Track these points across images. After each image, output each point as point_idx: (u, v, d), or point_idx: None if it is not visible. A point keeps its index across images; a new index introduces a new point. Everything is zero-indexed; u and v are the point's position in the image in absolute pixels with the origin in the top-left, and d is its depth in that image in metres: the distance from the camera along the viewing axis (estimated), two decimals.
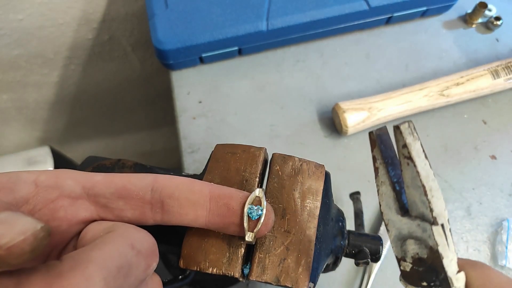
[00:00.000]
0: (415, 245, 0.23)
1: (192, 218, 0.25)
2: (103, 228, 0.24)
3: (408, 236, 0.23)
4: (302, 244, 0.28)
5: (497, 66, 0.59)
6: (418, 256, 0.23)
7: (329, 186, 0.32)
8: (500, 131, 0.59)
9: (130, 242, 0.22)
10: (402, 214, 0.23)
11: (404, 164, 0.22)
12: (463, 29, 0.67)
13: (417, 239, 0.23)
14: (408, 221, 0.23)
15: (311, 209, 0.29)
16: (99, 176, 0.25)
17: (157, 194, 0.25)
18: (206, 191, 0.25)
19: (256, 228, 0.26)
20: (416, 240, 0.23)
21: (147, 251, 0.23)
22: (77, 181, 0.25)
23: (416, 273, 0.23)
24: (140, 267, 0.22)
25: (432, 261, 0.22)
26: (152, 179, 0.25)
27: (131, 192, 0.25)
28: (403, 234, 0.23)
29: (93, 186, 0.25)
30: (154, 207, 0.25)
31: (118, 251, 0.21)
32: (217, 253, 0.27)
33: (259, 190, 0.27)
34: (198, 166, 0.54)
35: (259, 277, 0.27)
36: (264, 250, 0.27)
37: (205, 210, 0.25)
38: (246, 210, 0.26)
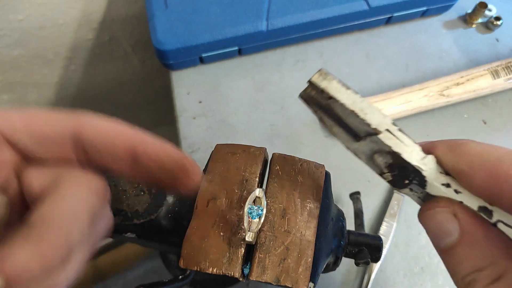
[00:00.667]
0: (380, 157, 0.25)
1: (116, 170, 0.24)
2: (50, 176, 0.22)
3: (372, 153, 0.25)
4: (302, 244, 0.28)
5: (497, 66, 0.59)
6: (388, 163, 0.25)
7: (329, 186, 0.32)
8: (500, 131, 0.59)
9: (89, 188, 0.21)
10: (357, 140, 0.25)
11: (333, 104, 0.25)
12: (463, 29, 0.67)
13: (378, 151, 0.25)
14: (364, 142, 0.25)
15: (311, 209, 0.29)
16: (17, 119, 0.23)
17: (79, 142, 0.23)
18: (128, 144, 0.23)
19: (257, 228, 0.26)
20: (378, 153, 0.25)
21: (103, 191, 0.22)
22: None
23: (396, 177, 0.25)
24: (103, 209, 0.22)
25: (397, 161, 0.24)
26: (73, 125, 0.23)
27: (52, 140, 0.23)
28: (368, 154, 0.26)
29: (12, 134, 0.23)
30: (78, 153, 0.23)
31: (84, 201, 0.20)
32: (217, 253, 0.27)
33: (259, 190, 0.27)
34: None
35: (259, 277, 0.27)
36: (264, 250, 0.27)
37: (128, 168, 0.23)
38: (246, 210, 0.26)
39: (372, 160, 0.26)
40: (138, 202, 0.32)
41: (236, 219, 0.28)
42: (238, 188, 0.30)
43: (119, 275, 0.71)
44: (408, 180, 0.25)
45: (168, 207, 0.32)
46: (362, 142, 0.25)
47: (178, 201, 0.33)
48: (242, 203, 0.29)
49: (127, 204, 0.32)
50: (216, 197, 0.30)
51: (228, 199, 0.29)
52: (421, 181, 0.24)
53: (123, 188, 0.32)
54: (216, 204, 0.29)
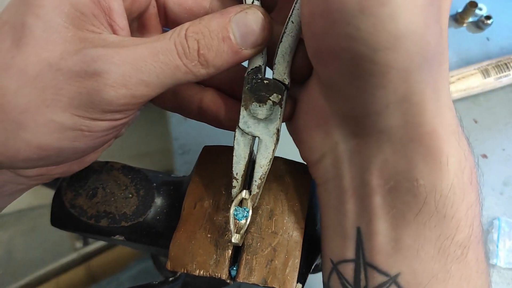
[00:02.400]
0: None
1: None
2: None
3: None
4: (289, 245, 0.28)
5: (488, 65, 0.59)
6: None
7: (316, 187, 0.32)
8: (491, 130, 0.59)
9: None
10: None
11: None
12: (453, 28, 0.68)
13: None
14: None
15: (298, 210, 0.29)
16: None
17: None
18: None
19: (243, 230, 0.26)
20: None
21: None
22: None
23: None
24: None
25: None
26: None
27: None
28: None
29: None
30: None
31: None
32: (204, 255, 0.27)
33: (246, 192, 0.27)
34: (189, 167, 0.54)
35: (246, 278, 0.27)
36: (251, 252, 0.27)
37: None
38: (232, 211, 0.26)
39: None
40: (126, 204, 0.32)
41: (223, 221, 0.28)
42: (225, 190, 0.30)
43: (112, 276, 0.71)
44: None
45: (156, 209, 0.32)
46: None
47: (166, 203, 0.33)
48: (229, 205, 0.29)
49: (115, 207, 0.32)
50: (203, 199, 0.30)
51: (215, 200, 0.29)
52: None
53: (111, 191, 0.32)
54: (203, 206, 0.29)
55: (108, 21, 0.24)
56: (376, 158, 0.23)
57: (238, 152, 0.27)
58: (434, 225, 0.22)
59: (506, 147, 0.58)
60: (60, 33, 0.21)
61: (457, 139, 0.22)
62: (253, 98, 0.26)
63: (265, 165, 0.27)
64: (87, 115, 0.22)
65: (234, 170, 0.27)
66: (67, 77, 0.21)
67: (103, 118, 0.22)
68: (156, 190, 0.33)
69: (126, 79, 0.21)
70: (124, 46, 0.22)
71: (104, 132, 0.23)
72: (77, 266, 0.72)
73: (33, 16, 0.21)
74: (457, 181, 0.22)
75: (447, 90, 0.22)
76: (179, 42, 0.22)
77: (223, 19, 0.23)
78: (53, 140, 0.22)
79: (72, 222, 0.31)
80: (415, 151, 0.22)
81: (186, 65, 0.23)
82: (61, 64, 0.21)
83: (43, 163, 0.23)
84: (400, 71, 0.20)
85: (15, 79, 0.21)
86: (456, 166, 0.22)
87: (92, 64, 0.21)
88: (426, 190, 0.22)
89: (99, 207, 0.32)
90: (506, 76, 0.59)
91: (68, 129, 0.22)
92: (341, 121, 0.25)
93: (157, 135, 0.62)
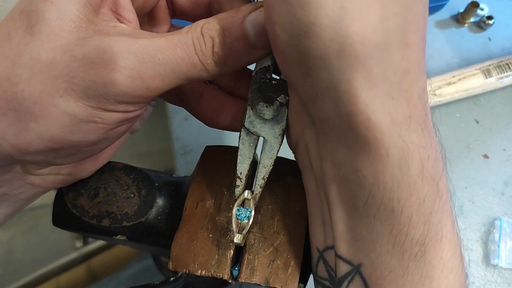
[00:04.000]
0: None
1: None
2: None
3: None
4: (291, 245, 0.28)
5: (489, 65, 0.59)
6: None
7: None
8: (493, 130, 0.59)
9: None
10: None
11: None
12: (455, 28, 0.67)
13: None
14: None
15: (300, 210, 0.29)
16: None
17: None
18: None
19: (245, 230, 0.26)
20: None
21: None
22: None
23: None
24: None
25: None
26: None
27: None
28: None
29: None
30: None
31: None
32: (206, 255, 0.27)
33: (248, 192, 0.27)
34: (191, 168, 0.53)
35: (248, 278, 0.27)
36: (253, 252, 0.27)
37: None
38: (235, 211, 0.26)
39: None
40: (128, 204, 0.32)
41: (225, 221, 0.28)
42: (227, 190, 0.30)
43: (112, 275, 0.71)
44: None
45: (158, 209, 0.32)
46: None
47: (168, 203, 0.33)
48: (231, 205, 0.29)
49: (117, 207, 0.32)
50: (205, 199, 0.30)
51: (217, 201, 0.29)
52: None
53: (113, 191, 0.32)
54: (205, 206, 0.29)
55: (116, 16, 0.24)
56: (325, 147, 0.23)
57: (243, 152, 0.27)
58: (384, 218, 0.22)
59: (507, 148, 0.58)
60: (75, 22, 0.21)
61: (399, 130, 0.20)
62: (260, 98, 0.26)
63: (268, 165, 0.26)
64: (100, 105, 0.21)
65: (238, 170, 0.27)
66: (81, 64, 0.20)
67: (116, 109, 0.22)
68: (158, 190, 0.33)
69: (142, 70, 0.21)
70: (141, 37, 0.22)
71: (116, 124, 0.23)
72: (77, 266, 0.72)
73: (48, 4, 0.21)
74: (402, 174, 0.21)
75: (398, 76, 0.20)
76: (196, 37, 0.22)
77: (237, 18, 0.23)
78: (66, 132, 0.22)
79: (73, 222, 0.31)
80: (354, 141, 0.21)
81: (202, 62, 0.22)
82: (75, 51, 0.20)
83: (55, 155, 0.23)
84: (318, 58, 0.20)
85: (29, 67, 0.20)
86: (398, 158, 0.21)
87: (108, 51, 0.20)
88: (369, 182, 0.21)
89: (100, 207, 0.32)
90: (508, 76, 0.59)
91: (81, 121, 0.22)
92: (300, 107, 0.24)
93: (158, 135, 0.62)
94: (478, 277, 0.49)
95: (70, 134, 0.22)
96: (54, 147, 0.22)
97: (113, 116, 0.22)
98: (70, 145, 0.22)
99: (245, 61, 0.24)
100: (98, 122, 0.22)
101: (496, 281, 0.50)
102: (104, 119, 0.22)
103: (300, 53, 0.20)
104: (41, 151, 0.22)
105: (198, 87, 0.30)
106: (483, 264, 0.51)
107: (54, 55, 0.20)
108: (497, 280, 0.50)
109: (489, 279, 0.50)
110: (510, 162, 0.57)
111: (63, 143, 0.22)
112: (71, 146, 0.23)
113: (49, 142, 0.21)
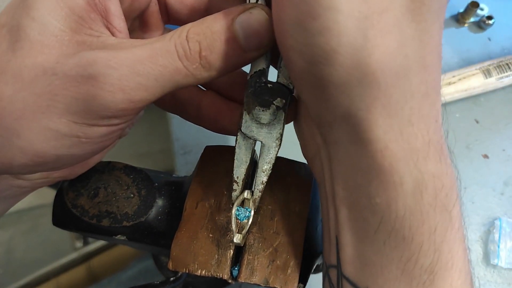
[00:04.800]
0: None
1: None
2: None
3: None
4: (291, 246, 0.28)
5: (489, 65, 0.59)
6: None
7: (318, 187, 0.32)
8: (492, 130, 0.59)
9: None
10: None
11: None
12: (455, 28, 0.68)
13: None
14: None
15: (300, 210, 0.29)
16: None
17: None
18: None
19: (245, 230, 0.26)
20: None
21: None
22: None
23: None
24: None
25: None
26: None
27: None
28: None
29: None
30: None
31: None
32: (206, 255, 0.27)
33: (248, 192, 0.27)
34: (190, 168, 0.53)
35: (248, 278, 0.27)
36: (253, 252, 0.27)
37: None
38: (234, 211, 0.26)
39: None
40: (128, 204, 0.32)
41: (225, 221, 0.28)
42: (227, 190, 0.30)
43: (112, 276, 0.71)
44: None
45: (158, 209, 0.32)
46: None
47: (168, 203, 0.33)
48: (231, 205, 0.29)
49: (116, 207, 0.32)
50: (205, 199, 0.30)
51: (217, 200, 0.29)
52: None
53: (113, 191, 0.32)
54: (205, 206, 0.29)
55: (105, 24, 0.23)
56: (338, 169, 0.23)
57: (239, 156, 0.26)
58: (394, 245, 0.21)
59: (507, 148, 0.58)
60: (57, 37, 0.21)
61: (416, 158, 0.20)
62: (256, 102, 0.25)
63: (267, 170, 0.26)
64: (84, 121, 0.21)
65: (235, 174, 0.27)
66: (62, 82, 0.20)
67: (101, 123, 0.22)
68: (158, 190, 0.33)
69: (123, 83, 0.20)
70: (122, 48, 0.21)
71: (102, 138, 0.23)
72: (77, 266, 0.72)
73: (29, 19, 0.20)
74: (415, 203, 0.20)
75: (418, 101, 0.20)
76: (180, 43, 0.22)
77: (226, 20, 0.22)
78: (49, 147, 0.21)
79: (73, 222, 0.31)
80: (369, 168, 0.21)
81: (186, 68, 0.22)
82: (56, 69, 0.20)
83: (41, 169, 0.23)
84: (339, 86, 0.19)
85: (11, 84, 0.20)
86: (412, 187, 0.20)
87: (88, 68, 0.20)
88: (382, 208, 0.21)
89: (100, 207, 0.32)
90: (508, 76, 0.59)
91: (64, 136, 0.21)
92: (314, 127, 0.24)
93: (158, 136, 0.62)
94: (478, 277, 0.49)
95: (54, 149, 0.22)
96: (38, 161, 0.22)
97: (98, 130, 0.22)
98: (54, 159, 0.22)
99: (236, 64, 0.23)
100: (81, 137, 0.22)
101: (496, 281, 0.50)
102: (87, 134, 0.22)
103: (319, 80, 0.20)
104: (25, 165, 0.22)
105: (194, 95, 0.29)
106: (483, 264, 0.51)
107: (36, 73, 0.20)
108: (497, 280, 0.50)
109: (489, 279, 0.50)
110: (510, 162, 0.57)
111: (47, 157, 0.22)
112: (55, 160, 0.22)
113: (32, 156, 0.21)
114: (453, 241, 0.22)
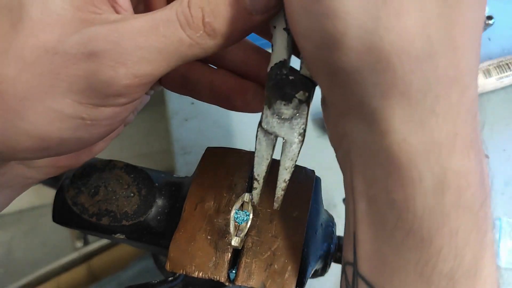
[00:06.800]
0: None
1: None
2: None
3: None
4: (289, 250, 0.28)
5: (489, 65, 0.59)
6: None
7: (318, 191, 0.32)
8: (492, 130, 0.59)
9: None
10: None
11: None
12: None
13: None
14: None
15: (299, 215, 0.29)
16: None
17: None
18: None
19: (243, 233, 0.26)
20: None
21: None
22: None
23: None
24: None
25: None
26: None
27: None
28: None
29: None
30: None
31: None
32: (203, 257, 0.27)
33: (247, 195, 0.27)
34: (190, 168, 0.53)
35: (245, 282, 0.27)
36: (251, 255, 0.27)
37: None
38: (233, 214, 0.26)
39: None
40: (128, 203, 0.32)
41: (223, 223, 0.28)
42: (227, 192, 0.30)
43: (112, 276, 0.72)
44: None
45: (157, 209, 0.32)
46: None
47: (168, 203, 0.33)
48: (230, 207, 0.29)
49: (116, 205, 0.32)
50: (204, 200, 0.30)
51: (216, 203, 0.29)
52: None
53: (113, 189, 0.32)
54: (204, 207, 0.29)
55: (110, 2, 0.23)
56: (358, 161, 0.22)
57: (260, 153, 0.25)
58: (412, 246, 0.20)
59: (507, 148, 0.58)
60: (59, 15, 0.20)
61: (439, 153, 0.18)
62: (277, 95, 0.23)
63: (290, 167, 0.25)
64: (88, 101, 0.21)
65: (256, 171, 0.25)
66: (63, 60, 0.20)
67: (106, 103, 0.21)
68: (158, 190, 0.33)
69: (125, 57, 0.20)
70: (123, 22, 0.20)
71: (108, 120, 0.22)
72: (77, 266, 0.72)
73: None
74: (435, 202, 0.19)
75: (445, 87, 0.18)
76: (181, 11, 0.20)
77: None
78: (53, 129, 0.21)
79: (73, 219, 0.32)
80: (387, 161, 0.19)
81: (190, 37, 0.20)
82: (58, 47, 0.20)
83: (46, 153, 0.23)
84: (351, 73, 0.18)
85: (13, 65, 0.20)
86: (432, 185, 0.19)
87: (88, 45, 0.20)
88: (399, 206, 0.20)
89: (100, 205, 0.32)
90: (508, 76, 0.59)
91: (69, 118, 0.21)
92: (335, 114, 0.23)
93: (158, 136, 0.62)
94: None
95: (58, 131, 0.21)
96: (43, 145, 0.22)
97: (103, 111, 0.22)
98: (58, 142, 0.22)
99: (242, 29, 0.22)
100: (86, 119, 0.21)
101: None
102: (92, 115, 0.21)
103: (330, 66, 0.19)
104: (29, 149, 0.22)
105: (206, 73, 0.28)
106: None
107: (38, 53, 0.20)
108: None
109: None
110: (510, 162, 0.57)
111: (51, 141, 0.22)
112: (60, 143, 0.22)
113: (37, 139, 0.21)
114: (478, 246, 0.20)
